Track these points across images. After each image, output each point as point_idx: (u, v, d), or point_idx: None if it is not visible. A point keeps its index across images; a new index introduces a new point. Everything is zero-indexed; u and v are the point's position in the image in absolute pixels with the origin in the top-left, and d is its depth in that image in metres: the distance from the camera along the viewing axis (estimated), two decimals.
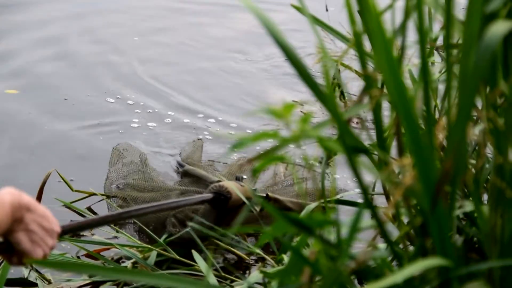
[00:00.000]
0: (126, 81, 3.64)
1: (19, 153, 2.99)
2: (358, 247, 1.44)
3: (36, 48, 3.94)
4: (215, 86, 3.68)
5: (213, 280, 2.11)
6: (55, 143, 3.07)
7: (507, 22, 1.13)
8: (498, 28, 1.11)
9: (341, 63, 3.16)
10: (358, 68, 2.96)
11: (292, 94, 3.57)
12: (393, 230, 1.40)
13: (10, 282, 2.25)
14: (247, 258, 2.39)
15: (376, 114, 1.33)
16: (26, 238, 1.54)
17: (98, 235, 2.47)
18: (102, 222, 2.19)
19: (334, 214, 1.26)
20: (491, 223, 1.26)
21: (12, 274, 2.25)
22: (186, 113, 3.36)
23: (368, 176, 1.31)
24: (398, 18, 1.36)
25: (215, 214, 2.43)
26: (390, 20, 1.40)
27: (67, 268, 1.84)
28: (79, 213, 2.58)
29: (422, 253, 1.27)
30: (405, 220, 1.40)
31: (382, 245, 1.39)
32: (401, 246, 1.39)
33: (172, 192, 2.63)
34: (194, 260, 2.20)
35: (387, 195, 1.56)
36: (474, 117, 1.38)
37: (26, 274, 2.28)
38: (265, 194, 2.48)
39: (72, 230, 1.87)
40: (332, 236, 1.25)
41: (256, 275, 1.99)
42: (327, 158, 1.35)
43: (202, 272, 2.19)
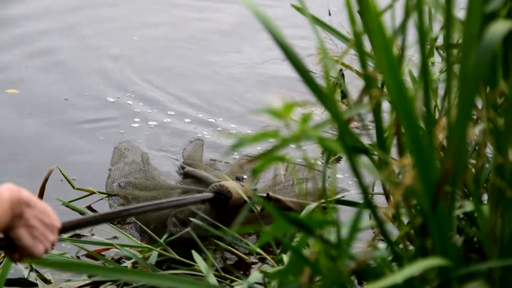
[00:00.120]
0: (126, 80, 3.64)
1: (22, 150, 3.00)
2: (358, 247, 1.44)
3: (31, 47, 3.94)
4: (215, 86, 3.67)
5: (213, 280, 2.11)
6: (55, 144, 3.07)
7: (507, 22, 1.13)
8: (498, 28, 1.11)
9: (341, 63, 3.16)
10: (358, 68, 2.96)
11: (291, 94, 3.57)
12: (393, 230, 1.40)
13: (10, 282, 2.24)
14: (247, 258, 2.39)
15: (376, 114, 1.33)
16: (27, 234, 1.54)
17: (98, 235, 2.47)
18: (102, 220, 2.18)
19: (334, 214, 1.26)
20: (491, 223, 1.26)
21: (12, 275, 2.24)
22: (186, 113, 3.36)
23: (368, 176, 1.31)
24: (398, 18, 1.36)
25: (216, 214, 2.43)
26: (390, 20, 1.40)
27: (67, 268, 1.84)
28: (80, 212, 2.58)
29: (422, 253, 1.27)
30: (405, 220, 1.40)
31: (382, 245, 1.39)
32: (401, 246, 1.39)
33: (173, 191, 2.63)
34: (194, 260, 2.20)
35: (387, 195, 1.56)
36: (474, 117, 1.38)
37: (26, 274, 2.28)
38: (265, 194, 2.47)
39: (72, 227, 1.86)
40: (332, 236, 1.25)
41: (256, 275, 1.99)
42: (328, 158, 1.35)
43: (202, 272, 2.19)
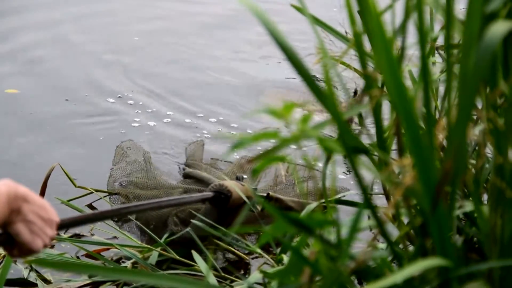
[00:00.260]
0: (125, 81, 3.64)
1: (21, 151, 3.00)
2: (358, 247, 1.44)
3: (30, 45, 3.94)
4: (214, 86, 3.67)
5: (213, 280, 2.11)
6: (56, 143, 3.07)
7: (507, 22, 1.13)
8: (498, 28, 1.11)
9: (341, 62, 3.16)
10: (358, 68, 2.96)
11: (290, 94, 3.57)
12: (393, 230, 1.40)
13: (10, 283, 2.24)
14: (247, 258, 2.38)
15: (376, 114, 1.33)
16: (25, 229, 1.54)
17: (98, 236, 2.47)
18: (101, 217, 2.18)
19: (334, 214, 1.26)
20: (491, 223, 1.26)
21: (12, 275, 2.24)
22: (186, 113, 3.36)
23: (368, 176, 1.31)
24: (398, 18, 1.36)
25: (216, 214, 2.42)
26: (390, 20, 1.40)
27: (67, 268, 1.84)
28: (80, 211, 2.58)
29: (422, 253, 1.27)
30: (405, 220, 1.40)
31: (382, 245, 1.39)
32: (401, 246, 1.39)
33: (174, 190, 2.62)
34: (194, 260, 2.20)
35: (387, 195, 1.56)
36: (474, 117, 1.38)
37: (25, 274, 2.28)
38: (266, 194, 2.47)
39: (71, 224, 1.86)
40: (332, 236, 1.25)
41: (256, 275, 1.99)
42: (328, 158, 1.35)
43: (202, 272, 2.19)
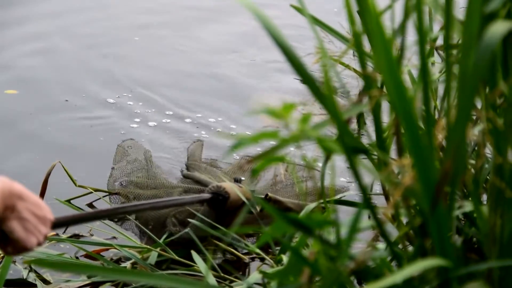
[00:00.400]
0: (125, 81, 3.64)
1: (22, 150, 3.00)
2: (358, 247, 1.44)
3: (28, 48, 3.94)
4: (214, 86, 3.68)
5: (212, 280, 2.11)
6: (56, 143, 3.07)
7: (507, 22, 1.13)
8: (498, 28, 1.11)
9: (340, 62, 3.16)
10: (358, 68, 2.96)
11: (289, 94, 3.58)
12: (392, 231, 1.40)
13: (9, 283, 2.24)
14: (246, 258, 2.38)
15: (375, 114, 1.33)
16: (20, 226, 1.54)
17: (97, 236, 2.46)
18: (97, 216, 2.17)
19: (334, 214, 1.26)
20: (491, 223, 1.26)
21: (11, 275, 2.24)
22: (186, 113, 3.36)
23: (368, 176, 1.31)
24: (398, 18, 1.36)
25: (214, 216, 2.42)
26: (390, 20, 1.40)
27: (66, 268, 1.83)
28: (80, 211, 2.58)
29: (421, 253, 1.27)
30: (404, 220, 1.40)
31: (381, 245, 1.39)
32: (400, 246, 1.39)
33: (174, 189, 2.61)
34: (193, 260, 2.20)
35: (387, 196, 1.56)
36: (474, 117, 1.38)
37: (25, 274, 2.28)
38: (265, 195, 2.47)
39: (66, 222, 1.86)
40: (331, 236, 1.25)
41: (255, 276, 1.99)
42: (327, 158, 1.35)
43: (201, 272, 2.19)
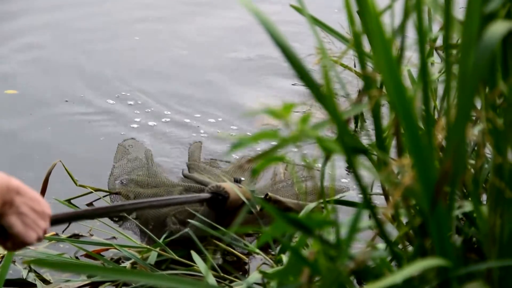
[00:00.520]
0: (125, 81, 3.64)
1: (23, 150, 3.00)
2: (357, 247, 1.44)
3: (27, 48, 3.94)
4: (214, 85, 3.68)
5: (212, 280, 2.11)
6: (56, 143, 3.07)
7: (506, 22, 1.13)
8: (497, 28, 1.11)
9: (340, 63, 3.16)
10: (358, 68, 2.96)
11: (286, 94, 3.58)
12: (392, 231, 1.40)
13: (9, 283, 2.24)
14: (246, 258, 2.38)
15: (375, 114, 1.33)
16: (19, 221, 1.55)
17: (97, 236, 2.47)
18: (96, 214, 2.18)
19: (334, 214, 1.26)
20: (490, 223, 1.26)
21: (10, 275, 2.24)
22: (185, 113, 3.36)
23: (367, 176, 1.31)
24: (398, 19, 1.36)
25: (214, 216, 2.42)
26: (390, 20, 1.40)
27: (66, 268, 1.84)
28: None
29: (421, 253, 1.27)
30: (404, 220, 1.40)
31: (381, 245, 1.39)
32: (400, 246, 1.39)
33: (175, 188, 2.61)
34: (193, 260, 2.20)
35: (386, 196, 1.56)
36: (473, 117, 1.38)
37: (24, 274, 2.28)
38: (265, 194, 2.46)
39: (65, 219, 1.86)
40: (331, 236, 1.25)
41: (255, 275, 1.99)
42: (327, 158, 1.35)
43: (201, 272, 2.19)
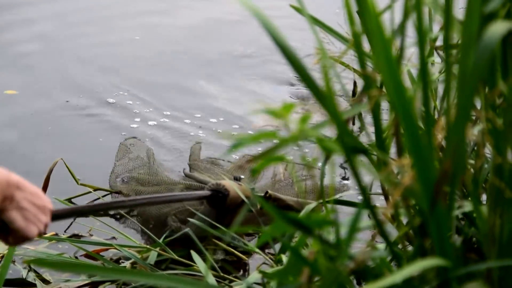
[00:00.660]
0: (125, 81, 3.64)
1: (23, 150, 3.00)
2: (357, 247, 1.44)
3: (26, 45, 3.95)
4: (214, 85, 3.68)
5: (212, 280, 2.11)
6: (56, 143, 3.07)
7: (506, 22, 1.13)
8: (497, 28, 1.11)
9: (340, 62, 3.16)
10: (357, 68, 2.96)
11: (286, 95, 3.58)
12: (392, 231, 1.40)
13: (9, 283, 2.24)
14: (246, 258, 2.38)
15: (375, 114, 1.33)
16: (19, 216, 1.55)
17: (97, 236, 2.46)
18: (95, 210, 2.18)
19: (333, 214, 1.26)
20: (490, 223, 1.26)
21: (10, 275, 2.24)
22: (185, 112, 3.36)
23: (367, 176, 1.31)
24: (397, 19, 1.36)
25: (215, 214, 2.42)
26: (389, 20, 1.40)
27: (66, 268, 1.84)
28: None
29: (421, 253, 1.27)
30: (404, 220, 1.40)
31: (381, 245, 1.39)
32: (400, 246, 1.39)
33: (176, 186, 2.61)
34: (193, 260, 2.20)
35: (386, 196, 1.56)
36: (473, 117, 1.38)
37: (24, 274, 2.28)
38: (265, 192, 2.46)
39: (66, 214, 1.87)
40: (331, 236, 1.25)
41: (255, 275, 1.99)
42: (327, 158, 1.35)
43: (201, 272, 2.19)
